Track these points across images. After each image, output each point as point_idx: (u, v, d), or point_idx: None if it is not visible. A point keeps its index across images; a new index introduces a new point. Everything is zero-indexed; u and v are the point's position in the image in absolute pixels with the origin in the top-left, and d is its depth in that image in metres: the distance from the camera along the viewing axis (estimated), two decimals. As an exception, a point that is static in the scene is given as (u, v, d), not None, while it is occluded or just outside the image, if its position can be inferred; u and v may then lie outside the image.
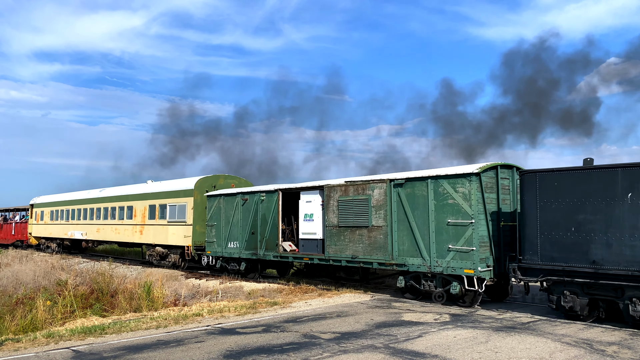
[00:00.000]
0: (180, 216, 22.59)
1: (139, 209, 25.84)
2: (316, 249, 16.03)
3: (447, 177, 12.66)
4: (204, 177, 22.43)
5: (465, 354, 8.01)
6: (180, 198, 22.75)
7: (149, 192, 25.34)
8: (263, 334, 9.68)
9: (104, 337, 9.83)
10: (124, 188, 28.86)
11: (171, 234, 23.02)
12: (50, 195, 38.41)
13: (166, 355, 8.26)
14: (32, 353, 8.62)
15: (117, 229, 27.75)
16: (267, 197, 17.90)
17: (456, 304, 12.69)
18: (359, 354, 8.06)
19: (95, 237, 30.36)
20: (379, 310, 12.14)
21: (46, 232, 36.94)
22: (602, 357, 7.84)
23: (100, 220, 29.69)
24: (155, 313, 12.76)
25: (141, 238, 25.42)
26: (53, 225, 35.98)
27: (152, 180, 27.44)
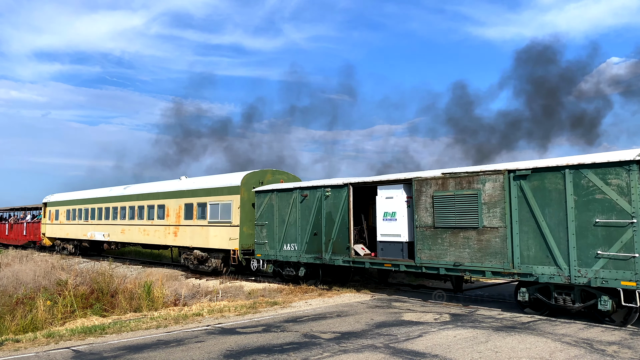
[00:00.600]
0: (224, 216, 20.12)
1: (172, 208, 23.31)
2: (400, 253, 13.85)
3: (594, 165, 10.37)
4: (250, 173, 19.99)
5: (465, 354, 8.01)
6: (224, 196, 20.23)
7: (184, 190, 22.73)
8: (263, 334, 9.68)
9: (104, 337, 9.84)
10: (153, 185, 26.10)
11: (213, 236, 20.59)
12: (66, 193, 35.71)
13: (166, 355, 8.26)
14: (32, 353, 8.62)
15: (146, 229, 25.21)
16: (333, 193, 15.71)
17: (602, 322, 10.48)
18: (359, 354, 8.06)
19: (119, 239, 27.81)
20: (379, 310, 12.14)
21: (62, 233, 34.47)
22: (602, 356, 7.84)
23: (125, 220, 27.25)
24: (156, 313, 12.76)
25: (175, 240, 22.94)
26: (70, 225, 33.55)
27: (185, 176, 24.53)
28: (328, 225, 15.77)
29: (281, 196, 17.54)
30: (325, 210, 15.90)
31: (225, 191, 20.30)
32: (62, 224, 34.69)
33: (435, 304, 13.13)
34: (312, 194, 16.41)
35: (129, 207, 26.99)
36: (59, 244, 35.31)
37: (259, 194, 18.36)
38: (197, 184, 22.27)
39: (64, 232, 34.27)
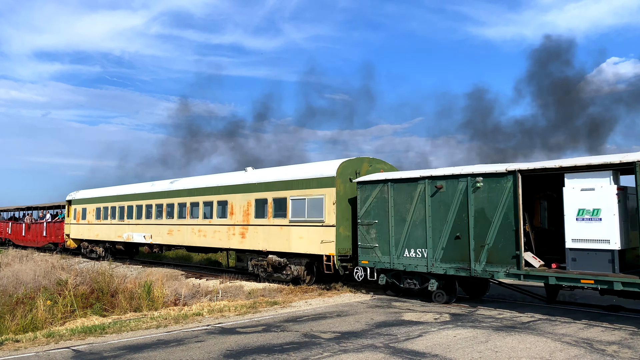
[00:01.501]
0: (313, 214, 16.38)
1: (238, 205, 19.41)
2: (607, 265, 10.40)
3: None
4: (346, 161, 16.40)
5: (465, 354, 8.01)
6: (313, 189, 16.49)
7: (254, 183, 18.95)
8: (263, 334, 9.68)
9: (104, 336, 9.84)
10: (209, 178, 22.15)
11: (297, 238, 16.78)
12: (95, 190, 31.65)
13: (166, 354, 8.27)
14: (32, 353, 8.62)
15: (202, 230, 21.27)
16: (487, 184, 12.24)
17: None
18: (359, 354, 8.06)
19: (165, 241, 23.74)
20: (379, 310, 12.14)
21: (90, 234, 30.45)
22: (602, 356, 7.84)
23: (173, 219, 23.08)
24: (156, 313, 12.76)
25: (242, 243, 18.99)
26: (100, 225, 29.35)
27: (252, 167, 20.77)
28: (479, 226, 12.30)
29: (399, 188, 14.10)
30: (475, 207, 12.43)
31: (314, 183, 16.52)
32: (90, 224, 30.47)
33: (435, 304, 13.13)
34: (451, 185, 12.99)
35: (179, 204, 22.80)
36: (85, 246, 31.51)
37: (364, 186, 14.93)
38: (273, 175, 18.62)
39: (92, 233, 30.16)
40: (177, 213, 23.00)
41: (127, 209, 27.04)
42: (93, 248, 30.68)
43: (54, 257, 28.77)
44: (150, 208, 25.19)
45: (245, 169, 20.51)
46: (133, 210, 26.44)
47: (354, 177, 16.03)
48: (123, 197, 27.61)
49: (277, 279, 17.75)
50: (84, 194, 32.08)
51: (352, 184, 15.83)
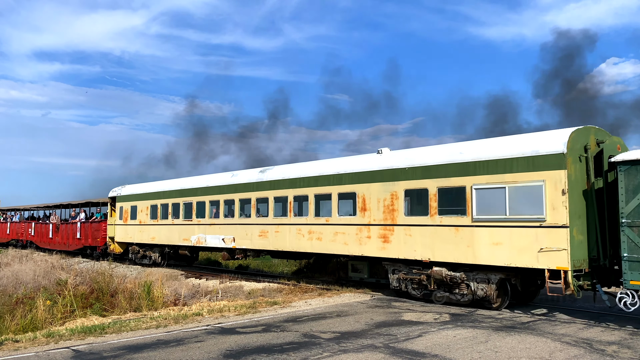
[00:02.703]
0: (521, 209, 11.59)
1: (374, 198, 14.65)
2: None
3: None
4: (578, 130, 11.48)
5: (465, 354, 8.01)
6: (518, 173, 11.77)
7: (403, 168, 14.08)
8: (263, 334, 9.68)
9: (104, 336, 9.84)
10: (319, 165, 17.21)
11: (487, 244, 12.07)
12: (150, 183, 26.27)
13: (166, 354, 8.26)
14: (32, 353, 8.62)
15: (314, 231, 16.36)
16: None
17: None
18: (359, 354, 8.06)
19: (256, 245, 18.65)
20: (378, 310, 12.15)
21: (142, 236, 25.32)
22: (602, 356, 7.84)
23: (267, 217, 18.21)
24: (155, 313, 12.77)
25: (384, 249, 14.17)
26: (157, 226, 24.22)
27: (389, 148, 15.70)
28: None
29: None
30: None
31: (522, 164, 11.77)
32: (143, 225, 25.26)
33: (435, 304, 13.12)
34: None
35: (276, 198, 18.03)
36: (135, 250, 26.46)
37: (632, 169, 10.15)
38: (436, 156, 13.70)
39: (146, 236, 25.04)
40: (272, 210, 18.11)
41: (196, 206, 21.75)
42: (146, 253, 25.59)
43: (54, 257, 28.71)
44: (231, 204, 20.26)
45: (379, 150, 15.50)
46: (205, 207, 21.27)
47: (582, 152, 11.31)
48: (191, 192, 22.33)
49: (444, 300, 13.07)
50: (133, 189, 26.75)
51: (581, 165, 11.22)
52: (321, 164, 17.18)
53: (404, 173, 14.13)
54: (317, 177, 16.73)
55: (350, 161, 16.10)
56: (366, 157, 15.71)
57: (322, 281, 17.72)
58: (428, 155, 13.89)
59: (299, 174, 17.38)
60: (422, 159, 13.89)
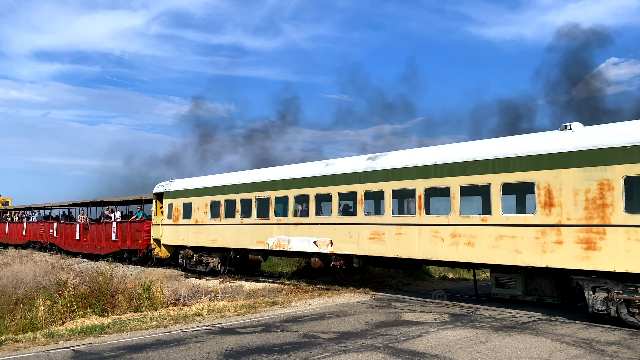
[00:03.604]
0: None
1: (567, 189, 11.09)
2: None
3: None
4: None
5: (465, 354, 8.01)
6: None
7: (619, 147, 10.39)
8: (263, 334, 9.68)
9: (104, 336, 9.84)
10: (471, 146, 13.39)
11: None
12: (207, 177, 22.35)
13: (166, 355, 8.26)
14: (32, 353, 8.62)
15: (460, 234, 12.84)
16: None
17: None
18: (358, 354, 8.06)
19: (364, 251, 14.89)
20: (378, 310, 12.14)
21: (199, 238, 21.23)
22: (601, 356, 7.84)
23: (383, 215, 14.58)
24: (155, 313, 12.77)
25: (587, 258, 10.62)
26: (220, 226, 20.25)
27: (580, 124, 11.82)
28: None
29: None
30: None
31: None
32: (200, 225, 21.26)
33: (435, 303, 13.13)
34: None
35: (394, 191, 14.40)
36: (188, 255, 22.02)
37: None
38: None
39: (204, 238, 20.98)
40: (389, 206, 14.45)
41: (275, 202, 18.04)
42: (202, 258, 21.42)
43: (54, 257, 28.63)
44: (326, 200, 16.51)
45: (567, 126, 11.77)
46: (289, 203, 17.54)
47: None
48: (268, 185, 18.44)
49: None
50: (187, 184, 22.86)
51: None
52: (470, 146, 13.36)
53: (623, 154, 10.26)
54: (465, 163, 12.94)
55: (520, 141, 12.34)
56: (548, 135, 11.98)
57: (322, 281, 17.72)
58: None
59: (433, 159, 13.64)
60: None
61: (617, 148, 10.38)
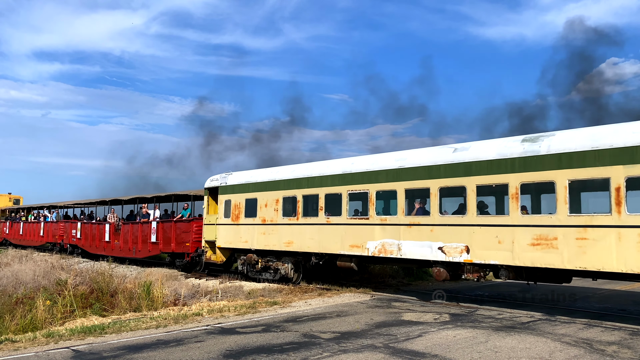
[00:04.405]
0: None
1: None
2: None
3: None
4: None
5: (465, 354, 8.01)
6: None
7: None
8: (263, 334, 9.68)
9: (104, 336, 9.83)
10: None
11: None
12: (276, 168, 18.98)
13: (166, 355, 8.26)
14: (32, 353, 8.61)
15: None
16: None
17: None
18: (358, 354, 8.06)
19: (521, 260, 11.53)
20: (378, 310, 12.14)
21: (268, 241, 17.82)
22: (601, 356, 7.84)
23: (555, 214, 11.14)
24: (155, 313, 12.77)
25: None
26: (296, 226, 16.87)
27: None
28: None
29: None
30: None
31: None
32: (268, 225, 17.88)
33: (435, 303, 13.12)
34: None
35: (572, 182, 11.04)
36: (253, 260, 18.65)
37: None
38: None
39: (275, 240, 17.54)
40: (563, 201, 11.00)
41: (374, 197, 14.65)
42: (269, 263, 18.11)
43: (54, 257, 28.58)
44: (454, 194, 13.35)
45: None
46: (398, 198, 14.02)
47: None
48: (366, 177, 14.96)
49: None
50: (248, 176, 19.50)
51: None
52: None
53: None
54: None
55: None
56: None
57: (322, 281, 17.71)
58: None
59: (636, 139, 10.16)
60: None
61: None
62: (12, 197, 51.59)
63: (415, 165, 13.86)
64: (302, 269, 17.50)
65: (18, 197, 51.85)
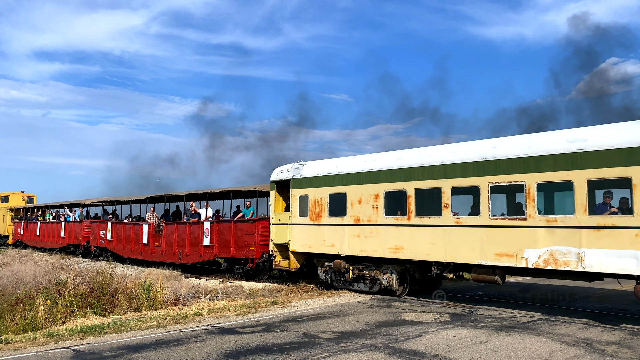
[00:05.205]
0: None
1: None
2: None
3: None
4: None
5: (465, 354, 8.01)
6: None
7: None
8: (263, 334, 9.68)
9: (104, 336, 9.83)
10: None
11: None
12: (368, 156, 15.51)
13: (166, 354, 8.26)
14: (32, 352, 8.62)
15: None
16: None
17: None
18: (358, 354, 8.06)
19: None
20: (378, 310, 12.14)
21: (362, 245, 14.57)
22: (601, 356, 7.84)
23: None
24: (155, 312, 12.77)
25: None
26: (403, 227, 13.68)
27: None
28: None
29: None
30: None
31: None
32: (364, 225, 14.58)
33: (435, 303, 13.12)
34: None
35: None
36: (342, 268, 15.24)
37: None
38: None
39: (375, 244, 14.24)
40: None
41: (534, 191, 11.40)
42: (364, 272, 14.70)
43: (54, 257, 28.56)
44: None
45: None
46: (575, 192, 10.79)
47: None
48: (518, 165, 11.69)
49: None
50: (332, 166, 16.00)
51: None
52: None
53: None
54: None
55: None
56: None
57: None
58: None
59: None
60: None
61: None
62: (26, 195, 47.51)
63: (604, 147, 10.39)
64: (409, 280, 14.39)
65: (32, 195, 47.87)
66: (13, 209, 44.06)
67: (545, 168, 11.19)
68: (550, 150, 11.21)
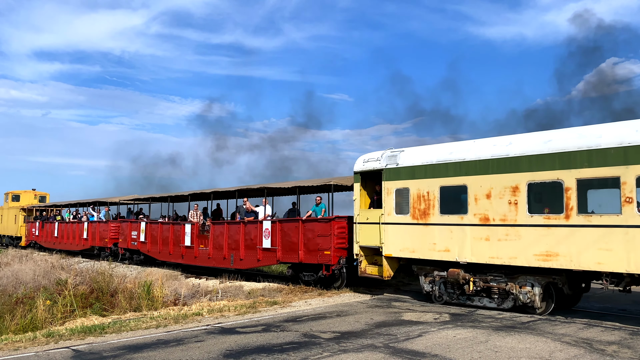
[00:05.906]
0: None
1: None
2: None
3: None
4: None
5: (465, 354, 8.01)
6: None
7: None
8: (263, 334, 9.68)
9: (104, 336, 9.84)
10: None
11: None
12: (495, 139, 12.31)
13: (166, 354, 8.26)
14: (32, 352, 8.62)
15: None
16: None
17: None
18: (358, 354, 8.06)
19: None
20: (378, 310, 12.14)
21: (491, 250, 11.62)
22: (601, 356, 7.84)
23: None
24: (155, 312, 12.78)
25: None
26: (558, 229, 10.59)
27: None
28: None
29: None
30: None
31: None
32: (495, 225, 11.68)
33: (435, 303, 13.12)
34: None
35: None
36: (460, 278, 12.28)
37: None
38: None
39: (508, 250, 11.32)
40: None
41: None
42: (492, 284, 11.95)
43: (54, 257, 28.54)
44: None
45: None
46: None
47: None
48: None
49: None
50: (441, 153, 13.15)
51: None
52: None
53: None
54: None
55: None
56: None
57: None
58: None
59: None
60: None
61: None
62: (38, 193, 44.18)
63: None
64: (555, 296, 11.56)
65: (44, 193, 44.66)
66: (26, 208, 40.15)
67: None
68: None
